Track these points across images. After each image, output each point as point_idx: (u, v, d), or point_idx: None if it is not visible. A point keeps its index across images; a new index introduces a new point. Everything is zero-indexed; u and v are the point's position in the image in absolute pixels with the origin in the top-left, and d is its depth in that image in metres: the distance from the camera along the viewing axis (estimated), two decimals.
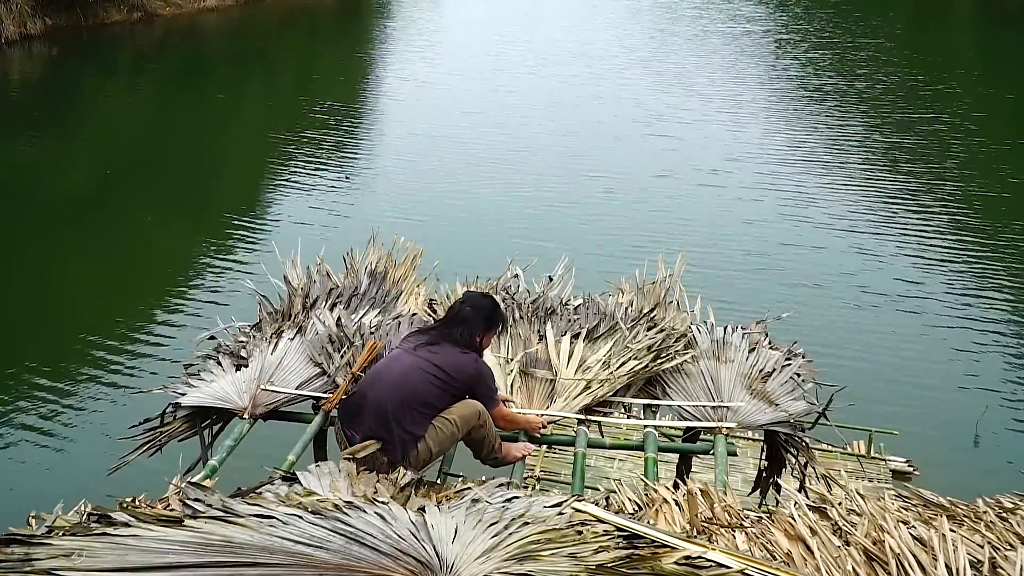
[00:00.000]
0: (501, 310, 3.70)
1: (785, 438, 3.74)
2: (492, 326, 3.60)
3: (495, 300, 3.72)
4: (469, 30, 25.03)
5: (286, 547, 1.86)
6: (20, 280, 9.01)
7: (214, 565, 1.81)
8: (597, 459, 5.59)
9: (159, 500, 2.83)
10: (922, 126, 14.23)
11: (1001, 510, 2.80)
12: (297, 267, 4.82)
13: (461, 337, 3.46)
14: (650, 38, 22.42)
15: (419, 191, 11.41)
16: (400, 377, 3.34)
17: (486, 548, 1.92)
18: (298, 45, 23.59)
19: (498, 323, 3.65)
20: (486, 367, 3.52)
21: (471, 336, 3.48)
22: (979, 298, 8.35)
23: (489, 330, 3.58)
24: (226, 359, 3.99)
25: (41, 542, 1.90)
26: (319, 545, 1.88)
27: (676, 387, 3.95)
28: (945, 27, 25.66)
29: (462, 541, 1.93)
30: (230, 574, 1.78)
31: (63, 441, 6.27)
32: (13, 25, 18.82)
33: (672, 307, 4.61)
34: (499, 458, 3.53)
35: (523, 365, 4.00)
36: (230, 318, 4.50)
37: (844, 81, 17.37)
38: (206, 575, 1.79)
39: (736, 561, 2.03)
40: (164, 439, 3.61)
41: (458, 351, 3.44)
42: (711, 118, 14.66)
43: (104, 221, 10.74)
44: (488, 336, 3.60)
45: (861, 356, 7.22)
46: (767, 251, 9.38)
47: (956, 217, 10.39)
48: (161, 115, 15.84)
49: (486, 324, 3.55)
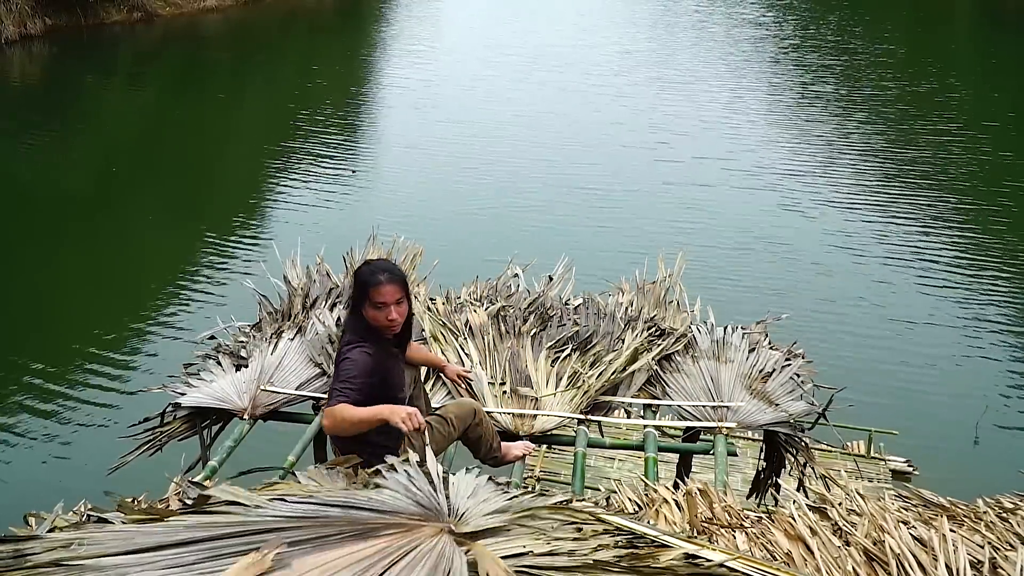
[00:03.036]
0: (359, 272, 3.09)
1: (785, 438, 3.75)
2: (358, 295, 3.04)
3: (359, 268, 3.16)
4: (469, 30, 25.03)
5: (300, 512, 1.92)
6: (20, 279, 9.01)
7: (229, 536, 1.82)
8: (597, 459, 5.59)
9: (159, 500, 2.83)
10: (922, 128, 14.24)
11: (1001, 510, 2.80)
12: (297, 267, 4.83)
13: (346, 322, 3.11)
14: (648, 42, 22.42)
15: (419, 190, 11.42)
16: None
17: (498, 508, 2.02)
18: (298, 45, 23.58)
19: (361, 288, 3.02)
20: (344, 358, 2.96)
21: (350, 316, 3.10)
22: (979, 298, 8.34)
23: (357, 303, 3.04)
24: (226, 359, 3.99)
25: (34, 537, 1.90)
26: (339, 504, 1.96)
27: (676, 387, 3.95)
28: (946, 30, 25.65)
29: (476, 498, 2.05)
30: (247, 543, 1.79)
31: (62, 440, 6.27)
32: (13, 25, 18.81)
33: (672, 307, 4.62)
34: (499, 457, 3.53)
35: (512, 384, 3.90)
36: (230, 318, 4.51)
37: (844, 84, 17.39)
38: (223, 546, 1.79)
39: (736, 561, 2.03)
40: (164, 439, 3.62)
41: (343, 340, 3.07)
42: (712, 120, 14.66)
43: (104, 221, 10.73)
44: (364, 306, 3.01)
45: (861, 356, 7.22)
46: (767, 251, 9.38)
47: (956, 217, 10.38)
48: (161, 115, 15.84)
49: (353, 297, 3.08)
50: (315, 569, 1.71)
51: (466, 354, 4.08)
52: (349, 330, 3.06)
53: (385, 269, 3.05)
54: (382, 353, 3.04)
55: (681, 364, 4.09)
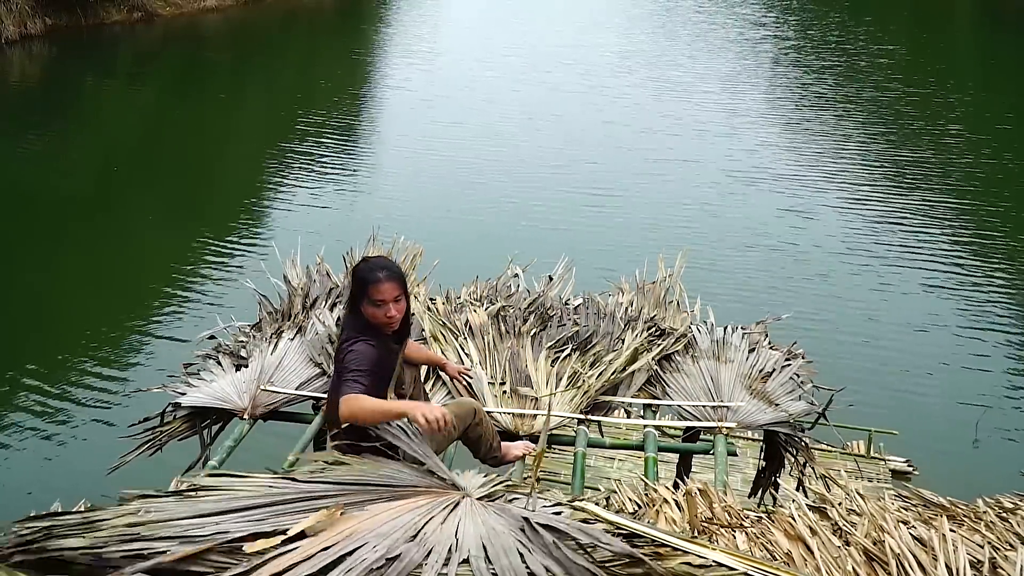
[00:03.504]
0: (357, 269, 3.09)
1: (785, 438, 3.74)
2: (357, 293, 3.03)
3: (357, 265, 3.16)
4: (469, 29, 25.03)
5: (344, 480, 2.40)
6: (20, 279, 9.01)
7: (278, 503, 2.22)
8: (597, 459, 5.59)
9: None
10: (922, 129, 14.24)
11: (1001, 510, 2.80)
12: (297, 267, 4.82)
13: (345, 320, 3.10)
14: (647, 43, 22.42)
15: (419, 190, 11.42)
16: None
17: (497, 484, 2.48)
18: (298, 45, 23.58)
19: (359, 286, 3.02)
20: (349, 350, 2.94)
21: (349, 314, 3.09)
22: (980, 298, 8.35)
23: (356, 300, 3.03)
24: (226, 359, 3.99)
25: (99, 508, 2.22)
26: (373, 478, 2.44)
27: (676, 387, 3.95)
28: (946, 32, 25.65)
29: (475, 482, 2.50)
30: (297, 507, 2.21)
31: (62, 440, 6.27)
32: (13, 25, 18.82)
33: (672, 307, 4.62)
34: (498, 457, 3.52)
35: (512, 384, 3.89)
36: (230, 318, 4.51)
37: (844, 85, 17.38)
38: (279, 510, 2.20)
39: (736, 561, 2.03)
40: (164, 439, 3.62)
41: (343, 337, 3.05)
42: (712, 120, 14.66)
43: (104, 221, 10.74)
44: (363, 303, 3.00)
45: (861, 356, 7.22)
46: (767, 251, 9.39)
47: (957, 217, 10.39)
48: (161, 115, 15.84)
49: (352, 295, 3.06)
50: (375, 516, 2.18)
51: (466, 354, 4.07)
52: (348, 327, 3.04)
53: (383, 266, 3.05)
54: (383, 349, 3.04)
55: (681, 364, 4.09)
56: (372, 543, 2.06)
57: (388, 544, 2.06)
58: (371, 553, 2.02)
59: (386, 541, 2.07)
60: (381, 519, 2.15)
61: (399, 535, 2.10)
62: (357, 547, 2.04)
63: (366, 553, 2.02)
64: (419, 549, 2.06)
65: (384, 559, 2.01)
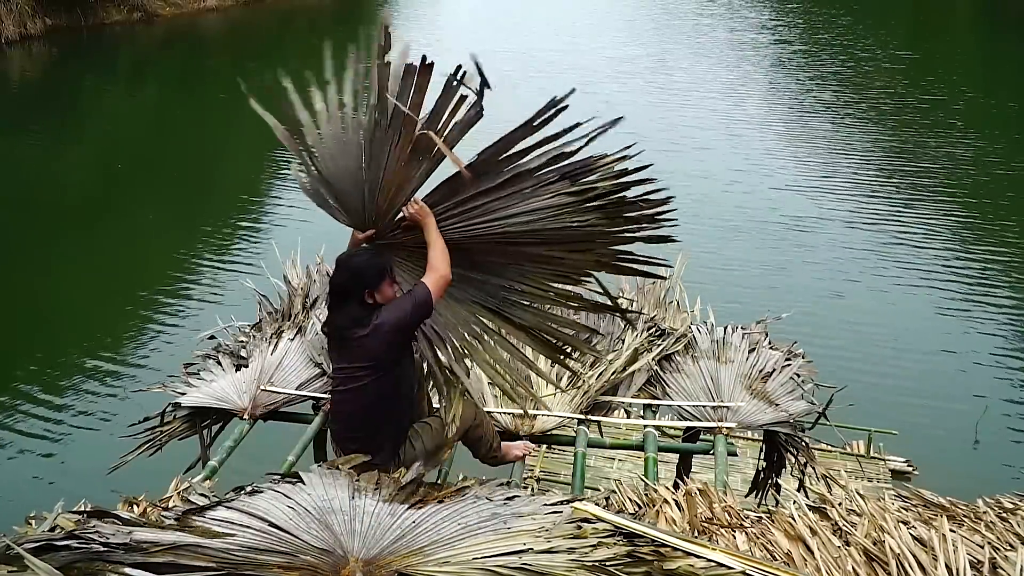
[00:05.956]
0: (363, 262, 3.11)
1: (785, 438, 3.74)
2: (379, 279, 3.04)
3: (364, 252, 3.20)
4: (469, 29, 25.02)
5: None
6: (20, 279, 9.01)
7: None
8: (597, 459, 5.58)
9: (159, 500, 2.83)
10: (923, 131, 14.23)
11: (1001, 510, 2.79)
12: (297, 267, 4.82)
13: (355, 313, 3.02)
14: (648, 44, 22.41)
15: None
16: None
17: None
18: (298, 45, 23.57)
19: (382, 273, 3.06)
20: (389, 312, 2.99)
21: (361, 304, 3.03)
22: (979, 298, 8.34)
23: (377, 286, 3.03)
24: (226, 359, 3.99)
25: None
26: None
27: (676, 387, 3.95)
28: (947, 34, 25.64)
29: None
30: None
31: (62, 440, 6.27)
32: (13, 25, 18.84)
33: (672, 307, 4.62)
34: (498, 457, 3.53)
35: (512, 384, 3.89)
36: (230, 318, 4.50)
37: (846, 88, 17.38)
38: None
39: (736, 561, 2.03)
40: (164, 439, 3.62)
41: (360, 332, 3.00)
42: (712, 120, 14.65)
43: (104, 220, 10.74)
44: (380, 288, 3.04)
45: (861, 356, 7.22)
46: (767, 251, 9.38)
47: (957, 217, 10.39)
48: (161, 115, 15.84)
49: (370, 282, 3.03)
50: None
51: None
52: (361, 316, 3.00)
53: (374, 253, 3.19)
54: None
55: (681, 364, 4.09)
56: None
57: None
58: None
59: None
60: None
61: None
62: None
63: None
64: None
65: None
